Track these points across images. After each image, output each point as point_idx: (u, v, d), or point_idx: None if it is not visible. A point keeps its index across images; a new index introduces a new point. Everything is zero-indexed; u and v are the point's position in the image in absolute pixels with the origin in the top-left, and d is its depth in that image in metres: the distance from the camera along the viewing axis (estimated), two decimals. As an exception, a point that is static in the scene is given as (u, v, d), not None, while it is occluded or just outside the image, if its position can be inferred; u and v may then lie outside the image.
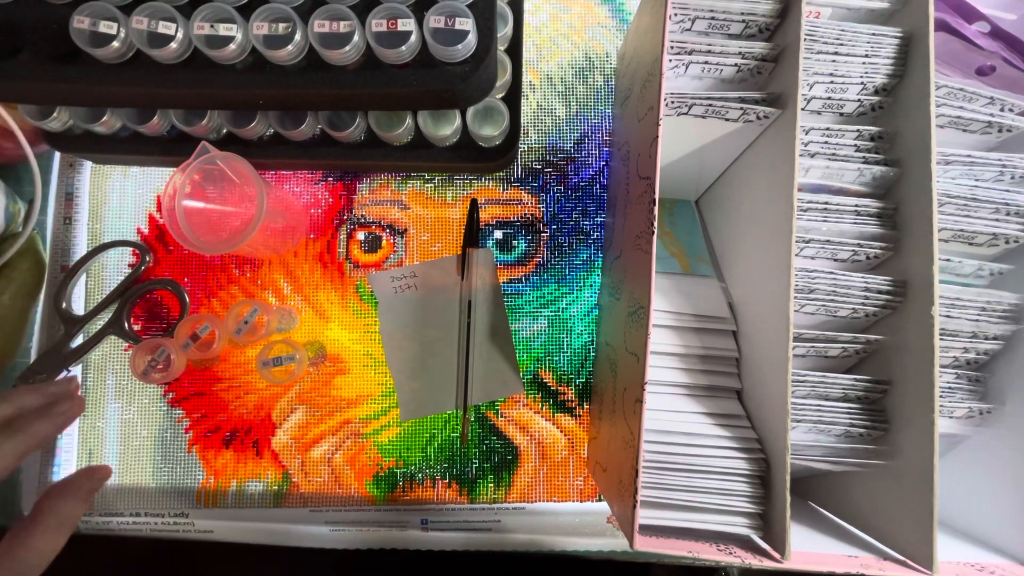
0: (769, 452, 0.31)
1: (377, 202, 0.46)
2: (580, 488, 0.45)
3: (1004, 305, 0.34)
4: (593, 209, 0.46)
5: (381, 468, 0.44)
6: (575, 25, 0.48)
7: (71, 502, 0.28)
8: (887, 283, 0.32)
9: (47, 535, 0.27)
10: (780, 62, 0.33)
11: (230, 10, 0.33)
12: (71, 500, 0.29)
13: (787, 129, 0.31)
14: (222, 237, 0.36)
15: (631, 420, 0.31)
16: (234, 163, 0.36)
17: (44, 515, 0.27)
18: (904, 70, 0.33)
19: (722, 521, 0.31)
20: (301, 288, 0.45)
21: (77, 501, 0.29)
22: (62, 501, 0.28)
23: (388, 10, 0.33)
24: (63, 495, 0.28)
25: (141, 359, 0.37)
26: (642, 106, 0.35)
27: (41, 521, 0.27)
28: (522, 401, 0.45)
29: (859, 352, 0.34)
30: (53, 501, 0.28)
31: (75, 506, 0.28)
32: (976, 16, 0.36)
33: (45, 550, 0.26)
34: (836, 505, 0.37)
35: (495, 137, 0.41)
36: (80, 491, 0.30)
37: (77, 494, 0.29)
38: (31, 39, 0.34)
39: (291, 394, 0.44)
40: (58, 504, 0.28)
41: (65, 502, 0.28)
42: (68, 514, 0.28)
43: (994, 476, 0.35)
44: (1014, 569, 0.32)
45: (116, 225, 0.45)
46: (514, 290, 0.45)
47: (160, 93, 0.36)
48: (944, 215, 0.33)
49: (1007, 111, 0.34)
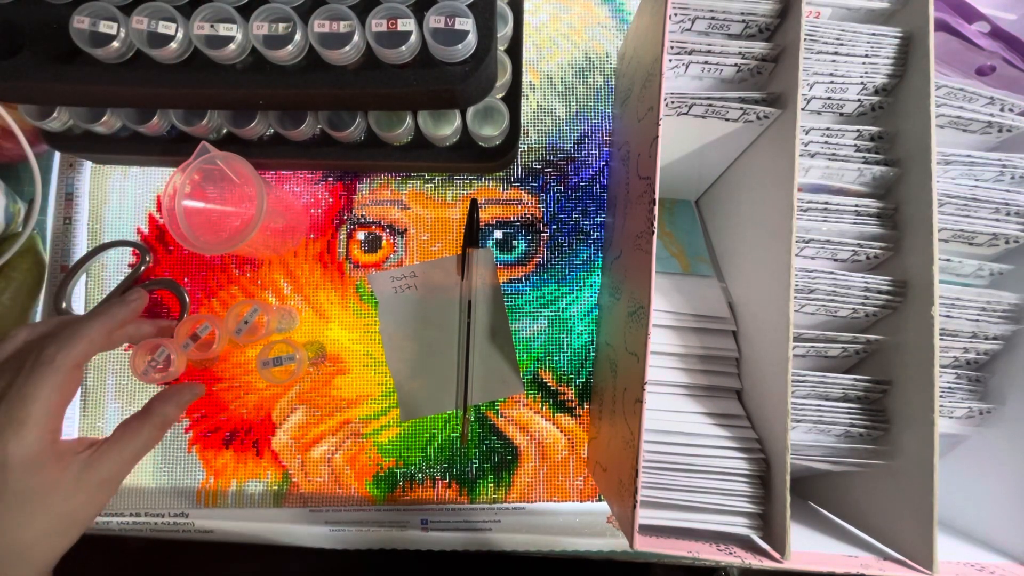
0: (769, 452, 0.31)
1: (377, 202, 0.46)
2: (580, 488, 0.45)
3: (1004, 305, 0.34)
4: (593, 209, 0.46)
5: (381, 468, 0.44)
6: (575, 25, 0.48)
7: (172, 407, 0.34)
8: (887, 283, 0.32)
9: (152, 430, 0.33)
10: (780, 62, 0.33)
11: (230, 10, 0.33)
12: (172, 405, 0.34)
13: (787, 129, 0.31)
14: (222, 237, 0.36)
15: (631, 420, 0.31)
16: (234, 163, 0.36)
17: (151, 414, 0.33)
18: (904, 70, 0.33)
19: (722, 521, 0.31)
20: (301, 288, 0.45)
21: (176, 407, 0.34)
22: (166, 404, 0.34)
23: (388, 10, 0.33)
24: (167, 400, 0.34)
25: (141, 359, 0.37)
26: (642, 106, 0.35)
27: (148, 418, 0.33)
28: (522, 401, 0.45)
29: (859, 352, 0.34)
30: (159, 404, 0.33)
31: (174, 410, 0.34)
32: (976, 16, 0.36)
33: (148, 440, 0.32)
34: (836, 505, 0.37)
35: (495, 137, 0.41)
36: (182, 399, 0.35)
37: (179, 401, 0.34)
38: (31, 39, 0.34)
39: (291, 394, 0.44)
40: (163, 406, 0.33)
41: (167, 405, 0.34)
42: (169, 415, 0.34)
43: (994, 476, 0.35)
44: (1014, 569, 0.32)
45: (116, 225, 0.45)
46: (514, 290, 0.45)
47: (160, 93, 0.36)
48: (944, 215, 0.33)
49: (1007, 111, 0.34)
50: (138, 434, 0.32)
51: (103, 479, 0.30)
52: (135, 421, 0.33)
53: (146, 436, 0.32)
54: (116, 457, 0.31)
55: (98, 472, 0.30)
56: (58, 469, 0.29)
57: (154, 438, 0.33)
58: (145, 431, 0.32)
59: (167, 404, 0.34)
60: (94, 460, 0.30)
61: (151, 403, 0.34)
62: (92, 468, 0.30)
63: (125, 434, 0.32)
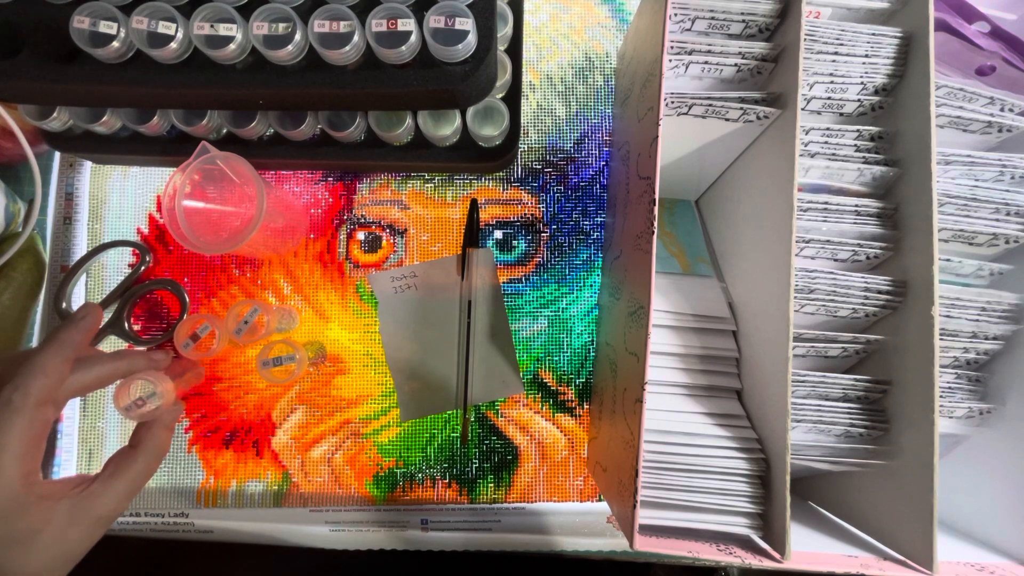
0: (769, 452, 0.31)
1: (377, 202, 0.46)
2: (580, 488, 0.45)
3: (1004, 305, 0.34)
4: (593, 209, 0.46)
5: (381, 468, 0.44)
6: (575, 25, 0.48)
7: (160, 429, 0.33)
8: (887, 283, 0.32)
9: (147, 458, 0.32)
10: (780, 62, 0.33)
11: (230, 10, 0.33)
12: (160, 428, 0.33)
13: (787, 129, 0.31)
14: (222, 237, 0.36)
15: (631, 420, 0.31)
16: (234, 163, 0.36)
17: (142, 442, 0.32)
18: (904, 70, 0.33)
19: (722, 521, 0.31)
20: (301, 288, 0.45)
21: (165, 429, 0.33)
22: (154, 429, 0.33)
23: (388, 10, 0.33)
24: (152, 426, 0.33)
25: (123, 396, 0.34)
26: (642, 106, 0.35)
27: (140, 448, 0.32)
28: (522, 401, 0.45)
29: (859, 352, 0.34)
30: (145, 431, 0.32)
31: (164, 433, 0.33)
32: (976, 16, 0.36)
33: (144, 470, 0.31)
34: (836, 505, 0.37)
35: (495, 137, 0.41)
36: (169, 420, 0.34)
37: (166, 423, 0.33)
38: (31, 39, 0.34)
39: (291, 394, 0.44)
40: (151, 432, 0.32)
41: (155, 430, 0.33)
42: (160, 440, 0.33)
43: (994, 476, 0.35)
44: (1014, 569, 0.32)
45: (116, 225, 0.45)
46: (514, 290, 0.45)
47: (160, 93, 0.36)
48: (944, 215, 0.33)
49: (1007, 111, 0.34)
50: (131, 467, 0.31)
51: (98, 516, 0.29)
52: (125, 455, 0.31)
53: (140, 467, 0.31)
54: (111, 493, 0.30)
55: (92, 510, 0.29)
56: (45, 509, 0.27)
57: (149, 468, 0.32)
58: (139, 462, 0.31)
59: (153, 430, 0.32)
60: (86, 498, 0.29)
61: (136, 434, 0.32)
62: (84, 506, 0.29)
63: (118, 468, 0.30)
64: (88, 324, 0.33)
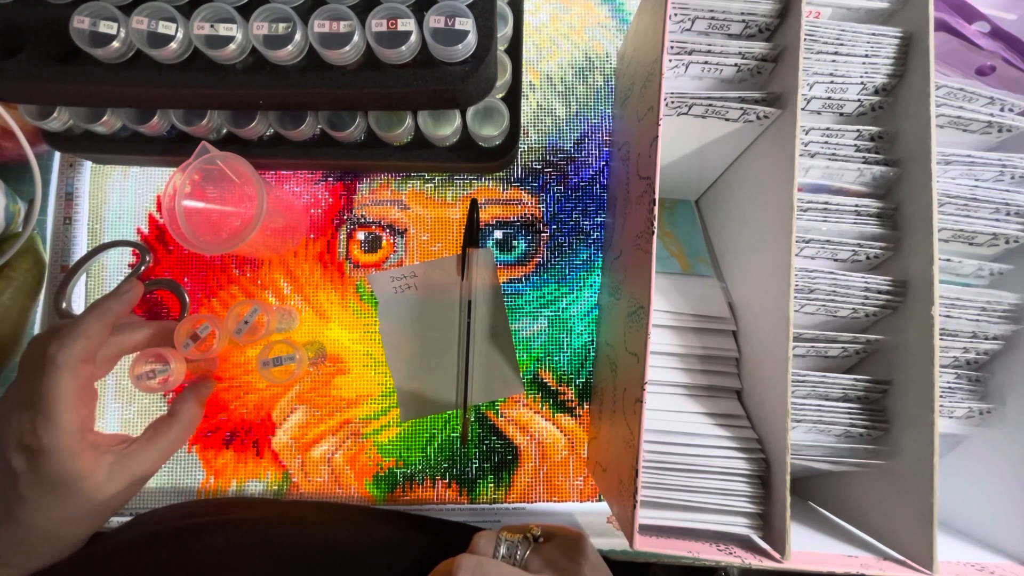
0: (769, 452, 0.31)
1: (377, 202, 0.46)
2: (580, 488, 0.45)
3: (1004, 305, 0.34)
4: (593, 209, 0.46)
5: (381, 468, 0.44)
6: (575, 25, 0.48)
7: (193, 403, 0.35)
8: (887, 283, 0.32)
9: (180, 428, 0.34)
10: (780, 62, 0.33)
11: (230, 10, 0.33)
12: (193, 402, 0.35)
13: (787, 129, 0.31)
14: (222, 237, 0.36)
15: (631, 420, 0.31)
16: (234, 163, 0.36)
17: (178, 413, 0.34)
18: (904, 70, 0.33)
19: (722, 521, 0.31)
20: (301, 288, 0.45)
21: (197, 403, 0.35)
22: (188, 403, 0.35)
23: (388, 10, 0.33)
24: (186, 399, 0.35)
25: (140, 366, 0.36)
26: (642, 106, 0.35)
27: (176, 417, 0.34)
28: (522, 401, 0.45)
29: (859, 352, 0.34)
30: (180, 404, 0.35)
31: (196, 407, 0.35)
32: (976, 16, 0.36)
33: (178, 437, 0.34)
34: (836, 505, 0.37)
35: (495, 137, 0.41)
36: (200, 394, 0.36)
37: (199, 396, 0.36)
38: (31, 39, 0.34)
39: (291, 394, 0.44)
40: (185, 405, 0.35)
41: (188, 403, 0.35)
42: (193, 412, 0.35)
43: (994, 476, 0.35)
44: (1014, 569, 0.32)
45: (116, 225, 0.45)
46: (514, 290, 0.45)
47: (160, 93, 0.36)
48: (944, 215, 0.33)
49: (1007, 111, 0.34)
50: (167, 432, 0.33)
51: (134, 473, 0.31)
52: (164, 421, 0.34)
53: (175, 434, 0.34)
54: (150, 453, 0.32)
55: (130, 466, 0.31)
56: (92, 459, 0.30)
57: (183, 435, 0.34)
58: (175, 429, 0.34)
59: (188, 402, 0.35)
60: (127, 455, 0.31)
61: (174, 405, 0.35)
62: (125, 462, 0.31)
63: (157, 432, 0.33)
64: (129, 298, 0.36)
